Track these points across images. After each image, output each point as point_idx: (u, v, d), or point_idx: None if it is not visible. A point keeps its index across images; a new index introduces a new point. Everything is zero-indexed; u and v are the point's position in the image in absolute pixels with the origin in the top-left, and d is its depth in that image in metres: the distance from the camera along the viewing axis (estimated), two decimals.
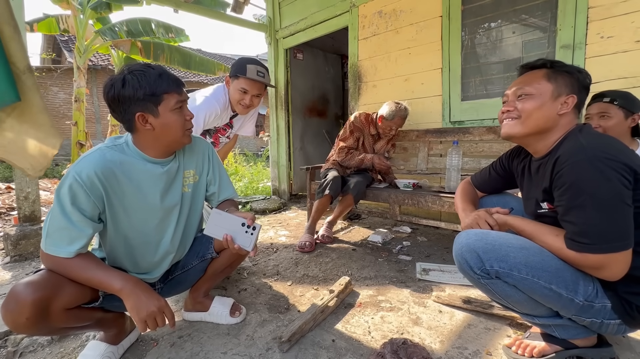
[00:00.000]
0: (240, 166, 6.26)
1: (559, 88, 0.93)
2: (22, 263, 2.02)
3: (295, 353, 1.11)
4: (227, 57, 17.34)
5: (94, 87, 11.06)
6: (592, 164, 0.80)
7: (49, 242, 0.89)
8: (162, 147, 1.05)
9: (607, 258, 0.79)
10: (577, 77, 0.94)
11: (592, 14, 1.84)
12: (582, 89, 0.95)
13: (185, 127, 1.05)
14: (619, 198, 0.78)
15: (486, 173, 1.27)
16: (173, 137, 1.03)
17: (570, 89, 0.93)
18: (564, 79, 0.93)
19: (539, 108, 0.94)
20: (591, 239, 0.80)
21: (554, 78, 0.94)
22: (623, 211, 0.78)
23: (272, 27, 3.79)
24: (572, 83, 0.93)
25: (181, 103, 1.02)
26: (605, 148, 0.81)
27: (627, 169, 0.78)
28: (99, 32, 5.66)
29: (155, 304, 0.90)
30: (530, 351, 1.03)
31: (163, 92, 0.97)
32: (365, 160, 2.35)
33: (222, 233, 1.03)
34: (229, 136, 2.00)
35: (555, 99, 0.93)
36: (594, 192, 0.79)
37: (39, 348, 1.18)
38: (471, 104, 2.37)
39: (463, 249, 0.93)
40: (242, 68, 1.68)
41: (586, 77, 0.95)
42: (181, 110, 1.03)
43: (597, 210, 0.79)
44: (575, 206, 0.83)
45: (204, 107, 1.68)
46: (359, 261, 1.93)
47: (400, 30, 2.69)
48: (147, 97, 0.95)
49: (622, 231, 0.79)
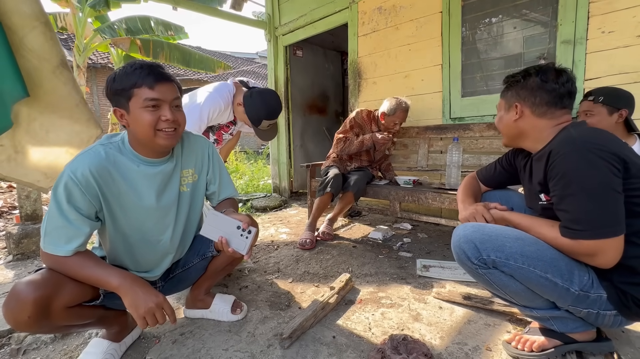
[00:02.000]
0: (240, 164, 6.27)
1: (508, 101, 1.07)
2: (25, 261, 2.03)
3: (296, 350, 1.12)
4: (227, 54, 17.30)
5: (94, 86, 11.06)
6: (581, 154, 0.83)
7: (47, 241, 0.90)
8: (144, 146, 1.01)
9: (600, 244, 0.82)
10: (524, 83, 1.01)
11: (593, 8, 1.83)
12: (537, 91, 0.99)
13: (156, 126, 0.95)
14: (609, 186, 0.81)
15: (492, 167, 1.30)
16: (143, 136, 0.97)
17: (515, 98, 1.04)
18: (510, 92, 1.06)
19: (500, 121, 1.11)
20: (584, 226, 0.83)
21: (504, 94, 1.09)
22: (613, 199, 0.81)
23: (271, 24, 3.77)
24: (517, 92, 1.03)
25: (154, 101, 0.94)
26: (594, 139, 0.85)
27: (616, 158, 0.81)
28: (98, 30, 5.65)
29: (153, 301, 0.90)
30: (530, 346, 1.04)
31: (132, 86, 0.93)
32: (365, 141, 2.31)
33: (217, 235, 1.01)
34: (232, 132, 1.99)
35: (508, 111, 1.07)
36: (585, 180, 0.82)
37: (42, 345, 1.19)
38: (471, 100, 2.36)
39: (461, 240, 0.96)
40: (258, 121, 1.75)
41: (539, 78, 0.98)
42: (155, 110, 0.95)
43: (589, 197, 0.82)
44: (567, 194, 0.86)
45: (208, 103, 1.68)
46: (360, 258, 1.93)
47: (400, 27, 2.67)
48: (118, 91, 0.94)
49: (614, 218, 0.81)
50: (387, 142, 2.28)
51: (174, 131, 0.99)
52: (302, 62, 4.03)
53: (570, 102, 0.98)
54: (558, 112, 0.98)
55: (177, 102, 1.01)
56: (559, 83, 0.96)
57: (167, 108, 0.97)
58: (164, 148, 1.01)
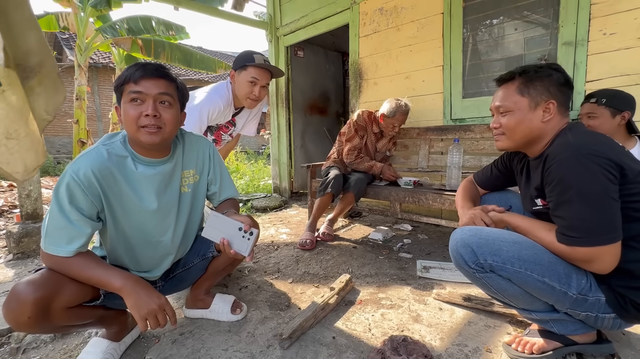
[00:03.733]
0: (241, 164, 6.27)
1: (535, 99, 0.94)
2: (25, 260, 2.03)
3: (296, 350, 1.12)
4: (228, 54, 17.31)
5: (95, 85, 11.08)
6: (578, 160, 0.82)
7: (48, 241, 0.89)
8: (135, 143, 1.00)
9: (596, 251, 0.81)
10: (552, 78, 0.94)
11: (595, 10, 1.83)
12: (562, 87, 0.95)
13: (139, 122, 0.94)
14: (606, 193, 0.80)
15: (488, 171, 1.28)
16: (129, 132, 0.97)
17: (547, 95, 0.94)
18: (536, 87, 0.94)
19: (521, 123, 0.96)
20: (580, 233, 0.83)
21: (527, 91, 0.95)
22: (610, 205, 0.81)
23: (272, 24, 3.77)
24: (547, 88, 0.94)
25: (136, 94, 0.93)
26: (590, 145, 0.84)
27: (612, 164, 0.81)
28: (100, 29, 5.67)
29: (155, 302, 0.90)
30: (530, 348, 1.03)
31: (123, 82, 0.95)
32: (374, 168, 2.37)
33: (219, 236, 1.01)
34: (231, 134, 1.99)
35: (534, 110, 0.95)
36: (581, 187, 0.82)
37: (41, 344, 1.19)
38: (472, 101, 2.36)
39: (458, 244, 0.96)
40: (250, 58, 1.67)
41: (562, 74, 0.95)
42: (138, 104, 0.94)
43: (585, 204, 0.81)
44: (563, 201, 0.85)
45: (207, 103, 1.67)
46: (360, 259, 1.93)
47: (401, 28, 2.67)
48: (115, 89, 0.98)
49: (610, 225, 0.81)
50: (393, 178, 2.35)
51: (158, 129, 0.96)
52: (303, 63, 4.03)
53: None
54: (567, 111, 0.97)
55: (164, 98, 0.97)
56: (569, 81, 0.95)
57: (150, 103, 0.94)
58: (148, 145, 0.97)
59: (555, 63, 0.99)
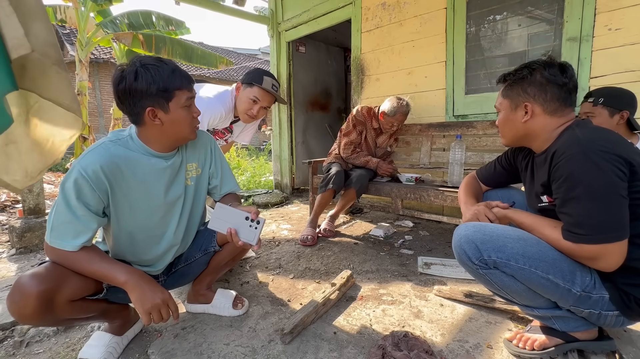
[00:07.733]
0: (242, 160, 6.27)
1: (515, 100, 0.99)
2: (27, 255, 2.05)
3: (297, 345, 1.12)
4: (229, 50, 17.24)
5: (96, 81, 11.05)
6: (586, 156, 0.81)
7: (54, 235, 0.90)
8: (168, 142, 1.05)
9: (602, 248, 0.81)
10: (531, 78, 0.95)
11: (600, 5, 1.81)
12: (546, 86, 0.94)
13: (193, 124, 1.06)
14: (614, 190, 0.79)
15: (491, 167, 1.27)
16: (180, 133, 1.05)
17: (524, 96, 0.97)
18: (516, 90, 0.99)
19: (505, 123, 1.04)
20: (586, 230, 0.82)
21: (507, 93, 1.01)
22: (618, 203, 0.80)
23: (274, 19, 3.75)
24: (524, 89, 0.97)
25: (191, 100, 1.04)
26: (599, 141, 0.82)
27: (622, 161, 0.79)
28: (101, 24, 5.64)
29: (159, 297, 0.92)
30: (531, 344, 1.03)
31: (176, 88, 0.98)
32: (370, 163, 2.36)
33: (226, 227, 1.03)
34: (226, 139, 1.99)
35: (515, 111, 1.00)
36: (589, 184, 0.80)
37: (45, 338, 1.20)
38: (475, 98, 2.34)
39: (462, 240, 0.95)
40: (259, 78, 1.69)
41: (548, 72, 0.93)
42: (190, 107, 1.04)
43: (592, 201, 0.80)
44: (570, 198, 0.84)
45: (209, 110, 1.67)
46: (361, 255, 1.93)
47: (403, 23, 2.65)
48: (159, 92, 0.95)
49: (617, 223, 0.80)
50: (389, 173, 2.35)
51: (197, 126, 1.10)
52: (304, 58, 4.01)
53: (576, 98, 0.96)
54: (567, 109, 0.95)
55: None
56: (567, 77, 0.93)
57: (194, 105, 1.07)
58: (190, 141, 1.12)
59: (546, 59, 0.96)
